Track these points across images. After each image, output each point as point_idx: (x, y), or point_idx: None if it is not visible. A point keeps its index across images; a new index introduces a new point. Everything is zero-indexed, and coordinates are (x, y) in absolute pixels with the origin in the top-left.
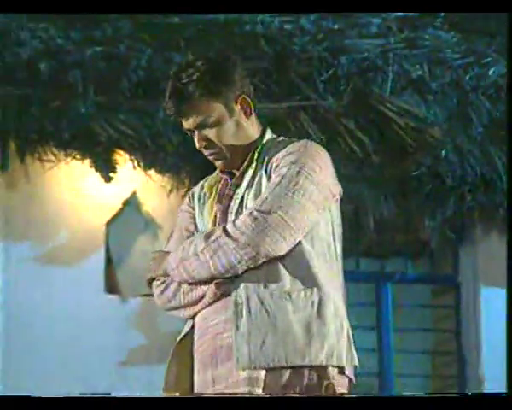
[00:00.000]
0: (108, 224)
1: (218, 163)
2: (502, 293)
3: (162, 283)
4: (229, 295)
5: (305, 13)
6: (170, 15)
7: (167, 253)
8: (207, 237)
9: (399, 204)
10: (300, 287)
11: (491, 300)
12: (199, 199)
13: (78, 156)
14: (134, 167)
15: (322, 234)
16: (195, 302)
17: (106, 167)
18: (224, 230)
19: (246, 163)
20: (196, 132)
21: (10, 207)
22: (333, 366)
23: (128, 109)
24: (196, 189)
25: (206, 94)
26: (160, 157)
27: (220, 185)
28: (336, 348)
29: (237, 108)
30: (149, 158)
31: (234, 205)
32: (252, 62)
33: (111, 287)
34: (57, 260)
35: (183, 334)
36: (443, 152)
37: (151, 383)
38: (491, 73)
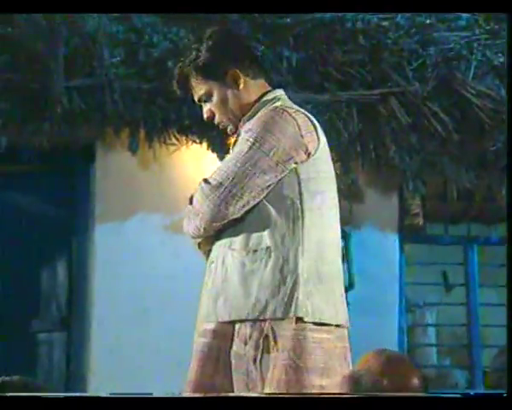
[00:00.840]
0: None
1: (227, 129)
2: None
3: None
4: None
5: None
6: (282, 16)
7: None
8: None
9: (479, 176)
10: (258, 244)
11: None
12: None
13: (197, 140)
14: None
15: (285, 192)
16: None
17: (221, 149)
18: (190, 197)
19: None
20: (203, 106)
21: (142, 184)
22: (287, 318)
23: None
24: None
25: (201, 75)
26: None
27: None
28: (283, 301)
29: (229, 81)
30: None
31: None
32: (350, 55)
33: None
34: (182, 230)
35: None
36: None
37: None
38: None
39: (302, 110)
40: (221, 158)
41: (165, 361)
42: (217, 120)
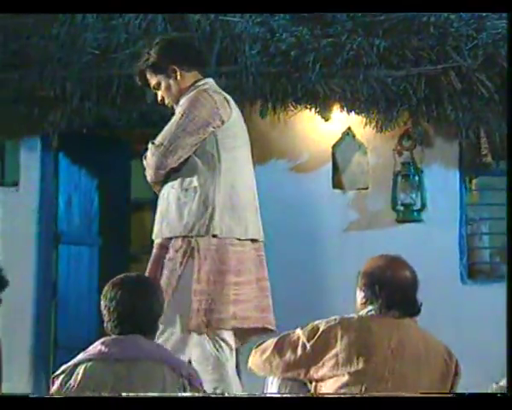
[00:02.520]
0: (334, 146)
1: (169, 106)
2: None
3: None
4: None
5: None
6: (377, 15)
7: None
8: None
9: None
10: (189, 184)
11: None
12: None
13: (307, 106)
14: (347, 111)
15: (207, 148)
16: None
17: (325, 112)
18: (144, 155)
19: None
20: (157, 93)
21: (271, 138)
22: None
23: (341, 76)
24: None
25: (151, 71)
26: (359, 105)
27: None
28: (205, 223)
29: (170, 74)
30: (354, 104)
31: None
32: (422, 41)
33: (337, 184)
34: (301, 171)
35: None
36: None
37: None
38: None
39: (220, 91)
40: (325, 119)
41: None
42: (166, 101)
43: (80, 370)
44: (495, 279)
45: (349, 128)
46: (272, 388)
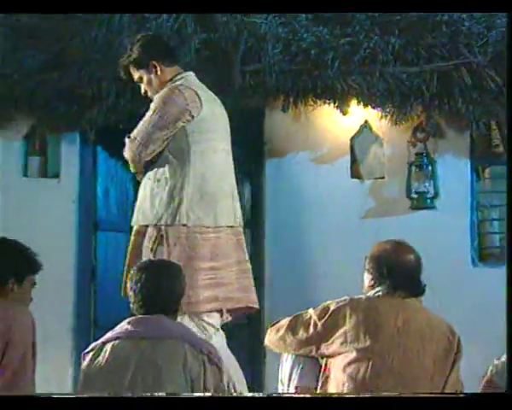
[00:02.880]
0: (352, 138)
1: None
2: None
3: None
4: None
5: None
6: (393, 14)
7: None
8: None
9: None
10: (161, 175)
11: None
12: None
13: (328, 102)
14: (364, 105)
15: (178, 142)
16: None
17: (343, 107)
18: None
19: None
20: (141, 86)
21: (292, 131)
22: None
23: (358, 73)
24: None
25: (133, 66)
26: (375, 100)
27: None
28: (172, 213)
29: (151, 69)
30: (371, 99)
31: None
32: (435, 39)
33: (355, 174)
34: (321, 162)
35: None
36: None
37: None
38: None
39: (193, 88)
40: (343, 113)
41: None
42: (148, 94)
43: (108, 347)
44: (504, 262)
45: (366, 121)
46: (286, 364)
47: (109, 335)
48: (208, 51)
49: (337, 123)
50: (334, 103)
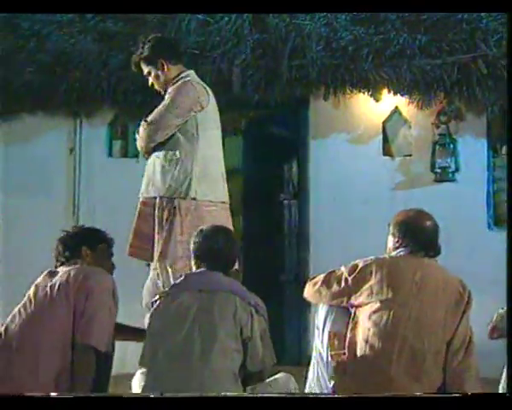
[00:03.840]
0: (384, 122)
1: (158, 90)
2: None
3: None
4: None
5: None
6: (420, 14)
7: None
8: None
9: None
10: (172, 155)
11: None
12: None
13: (362, 91)
14: (394, 93)
15: (188, 128)
16: None
17: (376, 95)
18: (138, 130)
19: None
20: (149, 79)
21: (334, 114)
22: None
23: (389, 66)
24: None
25: (144, 62)
26: (404, 89)
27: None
28: (184, 187)
29: (159, 66)
30: (399, 88)
31: None
32: (456, 35)
33: (387, 152)
34: (357, 142)
35: None
36: None
37: None
38: None
39: (201, 83)
40: (376, 100)
41: None
42: (155, 87)
43: (172, 297)
44: None
45: (396, 107)
46: (321, 312)
47: (173, 286)
48: (261, 49)
49: (371, 109)
50: (368, 92)
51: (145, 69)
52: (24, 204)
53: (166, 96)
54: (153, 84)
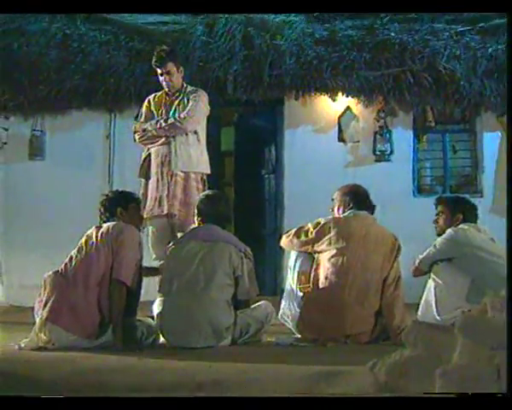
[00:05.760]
0: (339, 117)
1: (168, 88)
2: None
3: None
4: None
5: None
6: (366, 39)
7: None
8: (161, 121)
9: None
10: (193, 138)
11: None
12: (154, 102)
13: (323, 93)
14: (346, 96)
15: (204, 123)
16: None
17: (333, 97)
18: (165, 121)
19: (179, 91)
20: (164, 76)
21: (302, 112)
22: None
23: (343, 75)
24: (151, 96)
25: (171, 58)
26: (354, 92)
27: (165, 98)
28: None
29: (178, 67)
30: (351, 92)
31: (171, 109)
32: (389, 54)
33: (341, 139)
34: (320, 132)
35: None
36: None
37: None
38: None
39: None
40: (333, 100)
41: None
42: (167, 84)
43: (182, 244)
44: (432, 194)
45: (348, 106)
46: (292, 257)
47: (184, 236)
48: (248, 62)
49: (329, 107)
50: (327, 95)
51: (167, 65)
52: (71, 176)
53: (194, 99)
54: (164, 81)
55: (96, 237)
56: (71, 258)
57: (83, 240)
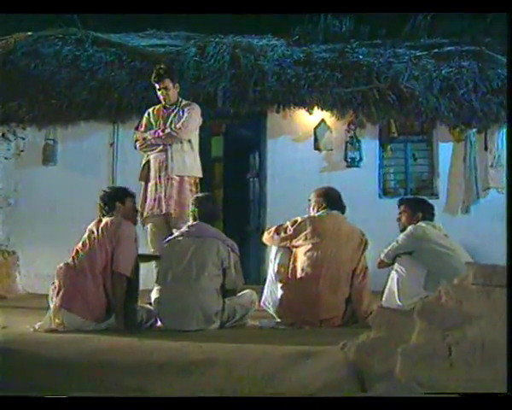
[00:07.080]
0: (315, 128)
1: (165, 102)
2: None
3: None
4: None
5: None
6: (337, 61)
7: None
8: (159, 131)
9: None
10: (188, 146)
11: None
12: (152, 114)
13: (301, 107)
14: (321, 109)
15: (197, 133)
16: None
17: (310, 110)
18: (163, 131)
19: (175, 104)
20: (162, 91)
21: (282, 124)
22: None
23: (318, 92)
24: (150, 109)
25: (168, 75)
26: (328, 106)
27: (163, 111)
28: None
29: (174, 84)
30: (325, 106)
31: (168, 120)
32: (358, 74)
33: (316, 147)
34: (298, 141)
35: None
36: None
37: None
38: None
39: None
40: (309, 113)
41: None
42: (163, 98)
43: (177, 240)
44: (395, 195)
45: (322, 119)
46: (273, 251)
47: (178, 232)
48: (235, 80)
49: (306, 119)
50: (305, 108)
51: (165, 81)
52: (80, 179)
53: (188, 111)
54: (162, 96)
55: (97, 231)
56: (77, 251)
57: (86, 235)
